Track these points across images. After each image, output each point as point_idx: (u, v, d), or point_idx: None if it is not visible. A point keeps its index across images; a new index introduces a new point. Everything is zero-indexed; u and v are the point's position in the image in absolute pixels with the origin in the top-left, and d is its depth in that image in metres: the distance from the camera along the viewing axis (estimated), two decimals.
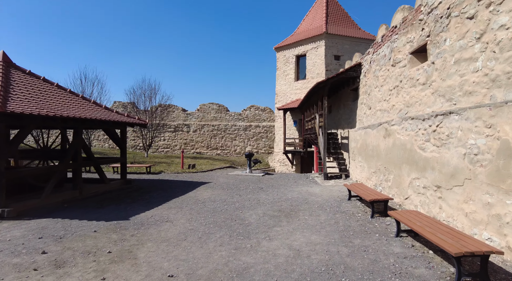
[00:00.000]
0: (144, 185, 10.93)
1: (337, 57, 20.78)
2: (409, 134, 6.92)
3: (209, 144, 25.97)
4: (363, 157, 10.23)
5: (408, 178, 6.88)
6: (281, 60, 23.07)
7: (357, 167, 11.07)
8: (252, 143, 25.98)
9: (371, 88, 9.84)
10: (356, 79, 11.52)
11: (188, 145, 26.03)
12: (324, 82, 11.27)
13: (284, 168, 22.54)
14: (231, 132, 26.02)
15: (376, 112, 9.35)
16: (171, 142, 26.07)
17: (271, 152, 25.72)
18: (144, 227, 5.86)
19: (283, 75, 22.85)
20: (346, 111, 12.92)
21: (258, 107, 26.09)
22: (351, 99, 12.37)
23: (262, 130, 25.85)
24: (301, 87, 21.57)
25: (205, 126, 26.02)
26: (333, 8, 22.58)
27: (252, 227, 5.76)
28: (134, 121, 10.33)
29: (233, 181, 11.80)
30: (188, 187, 10.39)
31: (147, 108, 22.48)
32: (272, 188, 10.23)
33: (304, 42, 21.40)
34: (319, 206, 7.46)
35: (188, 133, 26.03)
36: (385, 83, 8.69)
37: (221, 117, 26.25)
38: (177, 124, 26.14)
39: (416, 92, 6.82)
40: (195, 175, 13.87)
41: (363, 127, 10.34)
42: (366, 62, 10.56)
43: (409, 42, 7.26)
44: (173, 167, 15.75)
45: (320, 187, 10.34)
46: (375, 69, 9.50)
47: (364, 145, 10.11)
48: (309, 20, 23.09)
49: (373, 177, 9.29)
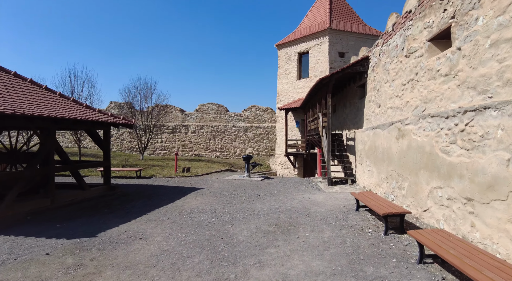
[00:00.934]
0: (129, 191, 9.96)
1: (342, 54, 19.73)
2: (428, 135, 5.86)
3: (208, 146, 25.00)
4: (372, 160, 9.18)
5: (427, 187, 5.82)
6: (282, 58, 22.07)
7: (364, 171, 10.01)
8: (253, 145, 24.97)
9: (381, 84, 8.80)
10: (363, 74, 10.48)
11: (186, 147, 25.08)
12: (328, 78, 10.24)
13: (286, 171, 21.49)
14: (231, 133, 25.03)
15: (386, 110, 8.30)
16: (169, 144, 25.14)
17: (272, 154, 24.69)
18: (111, 246, 4.87)
19: (285, 74, 21.84)
20: (352, 110, 11.87)
21: (259, 107, 25.08)
22: (357, 96, 11.33)
23: (263, 131, 24.83)
24: (304, 86, 20.54)
25: (204, 127, 25.06)
26: (337, 3, 21.54)
27: (240, 248, 4.74)
28: (119, 121, 9.38)
29: (228, 187, 10.80)
30: (177, 194, 9.40)
31: (143, 109, 21.58)
32: (270, 195, 9.20)
33: (306, 38, 20.39)
34: (323, 218, 6.42)
35: (186, 134, 25.09)
36: (397, 77, 7.64)
37: (221, 118, 25.28)
38: (174, 125, 25.21)
39: (436, 85, 5.77)
40: (189, 179, 12.89)
41: (372, 127, 9.29)
42: (374, 55, 9.52)
43: (427, 28, 6.21)
44: (166, 171, 14.79)
45: (323, 194, 9.30)
46: (385, 62, 8.46)
47: (373, 148, 9.05)
48: (312, 16, 22.08)
49: (383, 184, 8.22)
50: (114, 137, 25.42)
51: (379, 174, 8.56)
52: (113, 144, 25.37)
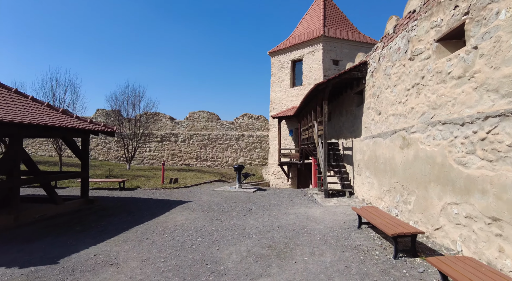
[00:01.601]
0: (109, 205, 9.11)
1: (336, 62, 19.36)
2: (439, 144, 5.26)
3: (199, 155, 24.16)
4: (372, 171, 8.55)
5: (439, 202, 5.19)
6: (275, 65, 21.61)
7: (364, 183, 9.38)
8: (245, 154, 24.24)
9: (381, 90, 8.26)
10: (361, 80, 9.96)
11: (176, 156, 24.20)
12: (325, 83, 9.68)
13: (279, 181, 20.77)
14: (222, 142, 24.28)
15: (388, 118, 7.73)
16: (157, 153, 24.23)
17: (265, 163, 23.98)
18: (72, 276, 4.07)
19: (278, 82, 21.35)
20: (349, 118, 11.31)
21: (252, 115, 24.46)
22: (354, 104, 10.78)
23: (256, 140, 24.16)
24: (297, 94, 20.05)
25: (194, 136, 24.26)
26: (331, 11, 21.31)
27: (228, 278, 3.99)
28: (98, 128, 8.60)
29: (218, 200, 10.02)
30: (160, 209, 8.59)
31: (131, 116, 20.74)
32: (263, 209, 8.46)
33: (300, 46, 20.00)
34: (322, 237, 5.71)
35: (176, 143, 24.24)
36: (400, 82, 7.10)
37: (212, 126, 24.54)
38: (164, 134, 24.36)
39: (447, 89, 5.21)
40: (176, 191, 12.07)
41: (372, 136, 8.70)
42: (373, 60, 9.01)
43: (434, 27, 5.68)
44: (152, 182, 13.93)
45: (321, 208, 8.60)
46: (386, 67, 7.93)
47: (373, 158, 8.44)
48: (305, 24, 21.77)
49: (385, 197, 7.58)
50: (101, 146, 24.42)
51: (380, 187, 7.93)
52: (99, 153, 24.35)
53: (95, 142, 24.35)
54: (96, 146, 24.37)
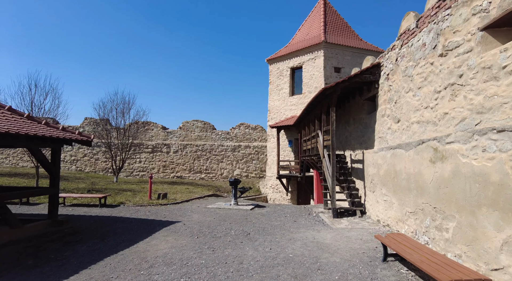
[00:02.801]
0: (82, 226, 7.76)
1: (338, 70, 18.41)
2: (493, 158, 4.10)
3: (192, 167, 22.81)
4: (390, 188, 7.35)
5: (498, 234, 3.98)
6: (274, 73, 20.62)
7: (379, 201, 8.16)
8: (241, 166, 22.95)
9: (400, 94, 7.15)
10: (373, 84, 8.87)
11: (168, 168, 22.82)
12: (332, 88, 8.57)
13: (278, 195, 19.46)
14: (217, 153, 23.00)
15: (410, 126, 6.59)
16: (148, 164, 22.84)
17: (262, 176, 22.69)
18: None
19: (277, 90, 20.31)
20: (358, 127, 10.17)
21: (249, 125, 23.30)
22: (364, 111, 9.67)
23: (253, 151, 22.92)
24: (297, 102, 18.99)
25: (187, 146, 22.96)
26: (332, 17, 20.52)
27: None
28: (71, 137, 7.33)
29: (210, 220, 8.72)
30: (142, 232, 7.27)
31: (120, 125, 19.46)
32: (263, 233, 7.17)
33: (300, 52, 19.07)
34: (341, 276, 4.45)
35: (168, 154, 22.90)
36: (427, 84, 5.99)
37: (207, 136, 23.29)
38: (155, 144, 23.03)
39: (502, 87, 4.08)
40: (163, 209, 10.72)
41: (388, 148, 7.54)
42: (388, 61, 7.94)
43: (478, 13, 4.60)
44: (138, 197, 12.57)
45: (331, 231, 7.34)
46: (406, 67, 6.84)
47: (392, 172, 7.26)
48: (305, 30, 20.93)
49: (409, 220, 6.36)
50: (88, 157, 22.98)
51: (402, 207, 6.71)
52: (86, 165, 22.89)
53: (82, 153, 22.92)
54: (83, 157, 22.93)
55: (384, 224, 7.73)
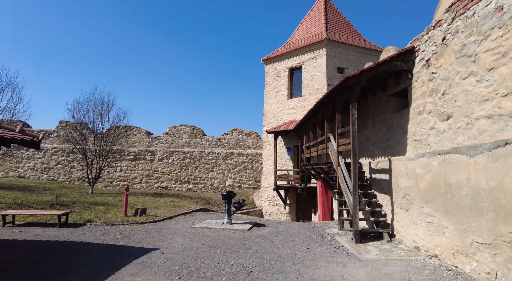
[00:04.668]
0: (19, 260, 5.63)
1: (341, 70, 16.80)
2: None
3: (179, 177, 20.64)
4: (439, 207, 5.53)
5: None
6: (270, 74, 18.91)
7: (416, 223, 6.32)
8: (234, 175, 20.92)
9: (452, 81, 5.41)
10: (402, 75, 7.16)
11: (152, 178, 20.58)
12: (356, 77, 6.79)
13: (275, 208, 17.47)
14: (207, 161, 20.93)
15: (474, 122, 4.82)
16: (130, 173, 20.55)
17: (257, 186, 20.70)
18: None
19: (273, 92, 18.57)
20: (380, 130, 8.41)
21: (242, 131, 21.37)
22: (390, 110, 7.92)
23: (247, 159, 20.95)
24: (296, 106, 17.26)
25: (174, 154, 20.82)
26: (333, 15, 19.05)
27: None
28: (6, 135, 5.27)
29: (198, 247, 6.71)
30: (102, 269, 5.21)
31: (98, 129, 17.26)
32: (271, 271, 5.21)
33: (299, 51, 17.43)
34: None
35: (152, 162, 20.69)
36: (507, 61, 4.25)
37: (196, 143, 21.22)
38: (138, 151, 20.81)
39: None
40: (140, 229, 8.64)
41: (433, 153, 5.76)
42: (428, 43, 6.23)
43: None
44: (112, 213, 10.41)
45: (361, 265, 5.42)
46: (464, 45, 5.11)
47: (441, 185, 5.45)
48: (304, 29, 19.38)
49: (480, 255, 4.51)
50: (62, 165, 20.58)
51: (463, 234, 4.87)
52: (59, 173, 20.47)
53: (55, 160, 20.52)
54: (56, 165, 20.51)
55: (428, 254, 5.87)
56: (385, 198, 7.92)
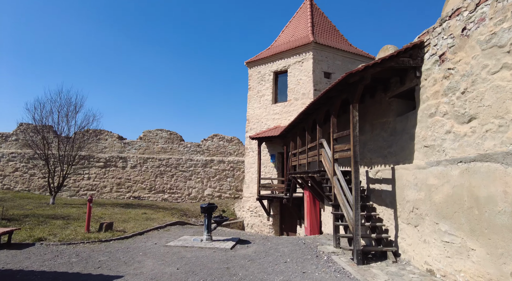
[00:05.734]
0: None
1: (328, 75, 16.17)
2: None
3: (153, 186, 19.10)
4: (462, 225, 4.68)
5: None
6: (254, 77, 18.00)
7: (429, 241, 5.45)
8: (214, 184, 19.64)
9: (476, 77, 4.64)
10: (408, 73, 6.39)
11: (123, 187, 18.90)
12: (360, 73, 5.94)
13: (257, 220, 16.35)
14: (185, 168, 19.54)
15: (508, 125, 4.03)
16: (99, 181, 18.79)
17: (238, 196, 19.51)
18: None
19: (257, 97, 17.64)
20: (380, 135, 7.60)
21: (223, 136, 20.21)
22: (392, 113, 7.13)
23: (228, 167, 19.76)
24: (281, 111, 16.40)
25: (149, 160, 19.30)
26: (319, 19, 18.53)
27: None
28: None
29: (171, 273, 5.51)
30: None
31: (63, 132, 15.54)
32: None
33: (285, 54, 16.67)
34: None
35: (125, 169, 19.05)
36: None
37: (173, 149, 19.82)
38: (109, 157, 19.11)
39: None
40: (102, 249, 7.28)
41: (452, 160, 4.94)
42: (442, 36, 5.48)
43: None
44: (71, 229, 8.92)
45: None
46: (494, 33, 4.36)
47: (465, 199, 4.61)
48: (289, 31, 18.71)
49: None
50: (20, 172, 18.50)
51: (501, 260, 4.01)
52: (17, 182, 18.38)
53: (12, 167, 18.42)
54: (13, 172, 18.40)
55: (447, 280, 4.98)
56: (386, 211, 7.05)
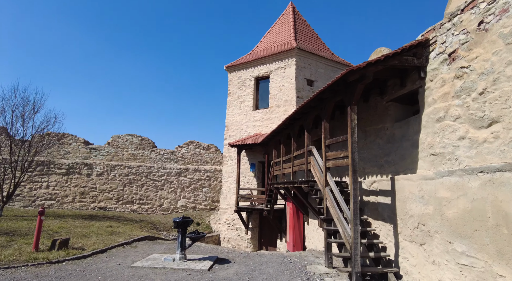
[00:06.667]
0: None
1: (310, 82, 15.72)
2: None
3: (121, 195, 17.53)
4: (483, 245, 4.04)
5: None
6: (234, 83, 17.22)
7: (438, 263, 4.78)
8: (188, 195, 18.37)
9: (495, 77, 4.13)
10: (410, 74, 5.85)
11: (87, 196, 17.18)
12: (360, 71, 5.28)
13: (234, 233, 15.28)
14: (157, 177, 18.16)
15: None
16: (60, 190, 16.95)
17: (214, 207, 18.36)
18: None
19: (237, 102, 16.83)
20: (375, 143, 6.98)
21: (200, 144, 19.09)
22: (389, 118, 6.55)
23: (204, 176, 18.61)
24: (262, 118, 15.67)
25: (117, 168, 17.75)
26: (301, 26, 18.21)
27: None
28: None
29: None
30: None
31: (19, 135, 13.82)
32: None
33: (267, 60, 16.07)
34: None
35: (90, 177, 17.37)
36: None
37: (144, 156, 18.41)
38: (72, 163, 17.36)
39: None
40: (51, 272, 6.01)
41: (468, 171, 4.33)
42: (451, 33, 4.98)
43: None
44: (14, 248, 7.46)
45: None
46: None
47: (488, 214, 4.00)
48: (271, 37, 18.21)
49: None
50: None
51: None
52: None
53: None
54: None
55: None
56: (384, 226, 6.37)
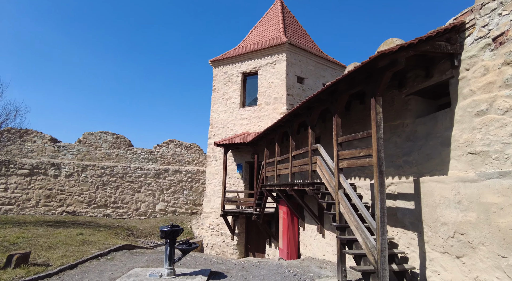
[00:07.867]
0: None
1: (300, 80, 15.05)
2: None
3: (93, 198, 15.92)
4: None
5: None
6: (220, 78, 16.20)
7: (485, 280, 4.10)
8: (168, 198, 17.05)
9: None
10: (439, 63, 5.19)
11: (54, 199, 15.42)
12: (391, 55, 4.52)
13: (219, 239, 14.23)
14: (133, 179, 16.70)
15: None
16: (21, 193, 15.07)
17: (196, 211, 17.18)
18: None
19: (223, 99, 15.82)
20: (391, 141, 6.30)
21: (181, 143, 17.84)
22: (409, 113, 5.89)
23: (185, 178, 17.37)
24: (250, 116, 14.78)
25: (89, 168, 16.11)
26: (290, 21, 17.53)
27: None
28: None
29: None
30: None
31: None
32: None
33: (255, 55, 15.21)
34: None
35: (57, 178, 15.61)
36: None
37: (119, 155, 16.90)
38: (37, 163, 15.53)
39: None
40: None
41: None
42: (495, 14, 4.36)
43: None
44: None
45: None
46: None
47: None
48: (259, 32, 17.38)
49: None
50: None
51: None
52: None
53: None
54: None
55: None
56: (404, 235, 5.68)
